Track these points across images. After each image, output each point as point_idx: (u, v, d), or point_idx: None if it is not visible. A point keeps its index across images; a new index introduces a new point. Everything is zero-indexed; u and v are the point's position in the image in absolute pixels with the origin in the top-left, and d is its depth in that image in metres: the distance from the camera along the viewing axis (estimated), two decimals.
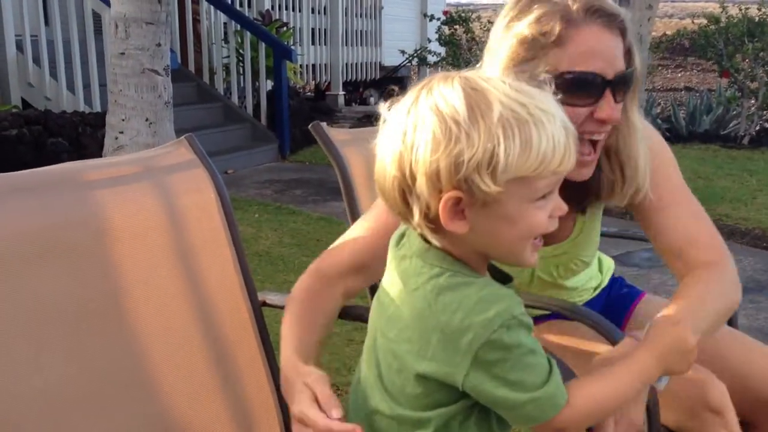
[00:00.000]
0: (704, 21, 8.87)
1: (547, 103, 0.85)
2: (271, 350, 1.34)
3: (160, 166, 1.30)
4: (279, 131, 7.34)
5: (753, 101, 8.60)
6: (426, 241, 0.91)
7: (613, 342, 1.28)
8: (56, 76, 6.07)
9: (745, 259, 4.21)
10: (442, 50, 9.68)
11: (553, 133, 0.83)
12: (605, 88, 1.14)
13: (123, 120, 4.22)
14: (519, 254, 0.90)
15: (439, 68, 9.39)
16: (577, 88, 1.12)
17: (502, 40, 1.16)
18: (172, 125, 4.43)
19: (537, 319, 1.48)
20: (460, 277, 0.88)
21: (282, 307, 1.40)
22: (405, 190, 0.86)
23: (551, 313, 1.43)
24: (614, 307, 1.60)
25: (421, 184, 0.84)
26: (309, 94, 10.62)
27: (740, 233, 4.83)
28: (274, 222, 4.86)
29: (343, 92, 10.55)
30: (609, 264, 1.67)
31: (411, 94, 0.87)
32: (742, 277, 4.50)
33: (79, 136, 5.53)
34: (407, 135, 0.84)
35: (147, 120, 4.23)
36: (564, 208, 0.90)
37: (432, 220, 0.87)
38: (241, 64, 7.64)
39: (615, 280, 1.67)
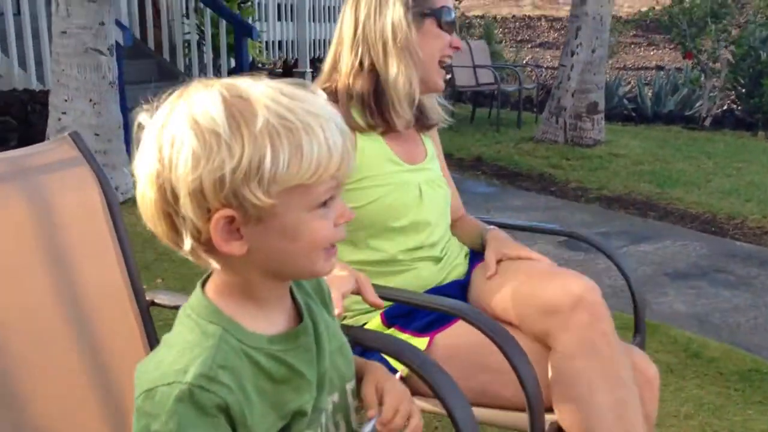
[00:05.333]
0: (668, 1, 8.88)
1: (319, 107, 0.78)
2: None
3: (38, 165, 1.25)
4: None
5: (715, 81, 8.64)
6: (203, 284, 0.85)
7: (497, 341, 1.29)
8: (7, 52, 5.91)
9: (690, 244, 4.24)
10: None
11: (327, 138, 0.76)
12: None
13: (66, 100, 4.13)
14: (309, 268, 0.83)
15: None
16: (448, 20, 1.61)
17: None
18: (118, 106, 4.34)
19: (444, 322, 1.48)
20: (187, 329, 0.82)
21: (172, 307, 1.37)
22: (170, 213, 0.77)
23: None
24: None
25: (186, 205, 0.75)
26: (278, 70, 10.48)
27: (690, 217, 4.86)
28: None
29: (311, 69, 10.41)
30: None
31: (166, 104, 0.78)
32: (686, 263, 4.52)
33: (28, 115, 5.40)
34: (163, 152, 0.76)
35: (91, 101, 4.13)
36: (348, 214, 0.83)
37: (206, 244, 0.78)
38: (203, 41, 7.50)
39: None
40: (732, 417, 2.36)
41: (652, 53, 16.86)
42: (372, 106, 1.59)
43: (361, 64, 1.59)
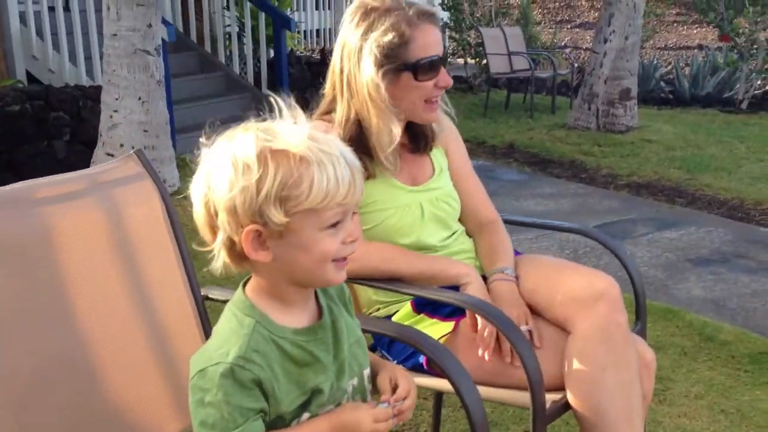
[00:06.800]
0: None
1: (331, 146, 0.98)
2: None
3: (110, 180, 1.48)
4: None
5: (753, 65, 8.58)
6: (244, 285, 1.08)
7: (502, 330, 1.49)
8: (59, 48, 6.20)
9: (715, 230, 4.34)
10: (445, 15, 9.71)
11: (336, 172, 0.96)
12: (441, 65, 1.68)
13: (116, 99, 4.40)
14: (321, 277, 1.03)
15: (445, 32, 9.42)
16: (428, 69, 1.66)
17: (364, 47, 1.63)
18: (165, 103, 4.61)
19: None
20: (233, 320, 1.04)
21: (223, 301, 1.59)
22: (214, 226, 0.99)
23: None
24: None
25: (223, 220, 0.97)
26: (316, 56, 10.68)
27: (717, 203, 4.94)
28: None
29: None
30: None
31: (217, 142, 1.01)
32: (709, 249, 4.67)
33: (80, 111, 5.69)
34: (209, 178, 0.98)
35: (140, 99, 4.40)
36: (355, 234, 1.03)
37: (240, 253, 0.99)
38: (243, 32, 7.73)
39: None
40: (740, 397, 2.52)
41: (695, 31, 16.55)
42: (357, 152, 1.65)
43: (349, 111, 1.68)
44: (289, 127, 0.99)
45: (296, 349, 1.04)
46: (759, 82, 8.76)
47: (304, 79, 8.29)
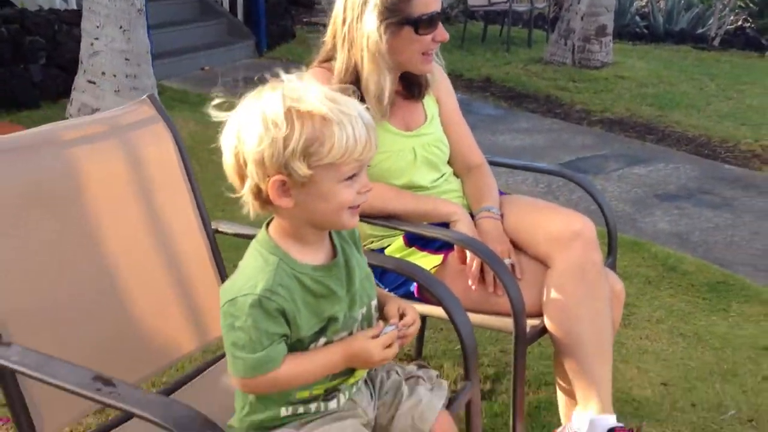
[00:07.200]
0: None
1: (350, 107, 1.09)
2: (223, 270, 1.66)
3: (125, 123, 1.57)
4: (255, 28, 7.41)
5: (726, 0, 8.67)
6: (267, 225, 1.20)
7: (488, 262, 1.64)
8: None
9: (682, 167, 4.53)
10: None
11: (354, 132, 1.08)
12: (439, 20, 1.79)
13: (98, 27, 4.37)
14: (338, 221, 1.15)
15: None
16: (428, 24, 1.77)
17: (368, 0, 1.72)
18: (146, 32, 4.58)
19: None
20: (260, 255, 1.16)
21: (233, 234, 1.72)
22: (243, 175, 1.11)
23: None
24: None
25: (251, 170, 1.09)
26: None
27: (686, 140, 5.13)
28: None
29: None
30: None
31: (245, 99, 1.11)
32: (675, 185, 4.90)
33: (56, 35, 5.62)
34: (240, 132, 1.09)
35: (121, 27, 4.37)
36: (369, 185, 1.15)
37: (265, 198, 1.11)
38: None
39: None
40: (698, 322, 2.74)
41: None
42: None
43: (349, 61, 1.78)
44: (313, 89, 1.10)
45: (315, 284, 1.17)
46: (732, 18, 8.86)
47: (279, 5, 8.18)
